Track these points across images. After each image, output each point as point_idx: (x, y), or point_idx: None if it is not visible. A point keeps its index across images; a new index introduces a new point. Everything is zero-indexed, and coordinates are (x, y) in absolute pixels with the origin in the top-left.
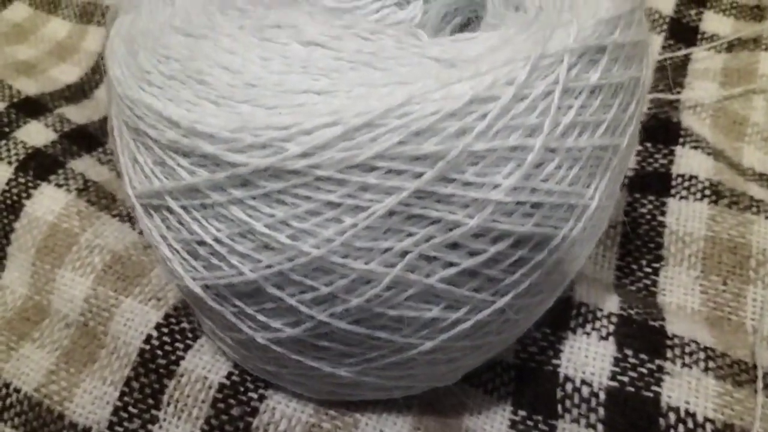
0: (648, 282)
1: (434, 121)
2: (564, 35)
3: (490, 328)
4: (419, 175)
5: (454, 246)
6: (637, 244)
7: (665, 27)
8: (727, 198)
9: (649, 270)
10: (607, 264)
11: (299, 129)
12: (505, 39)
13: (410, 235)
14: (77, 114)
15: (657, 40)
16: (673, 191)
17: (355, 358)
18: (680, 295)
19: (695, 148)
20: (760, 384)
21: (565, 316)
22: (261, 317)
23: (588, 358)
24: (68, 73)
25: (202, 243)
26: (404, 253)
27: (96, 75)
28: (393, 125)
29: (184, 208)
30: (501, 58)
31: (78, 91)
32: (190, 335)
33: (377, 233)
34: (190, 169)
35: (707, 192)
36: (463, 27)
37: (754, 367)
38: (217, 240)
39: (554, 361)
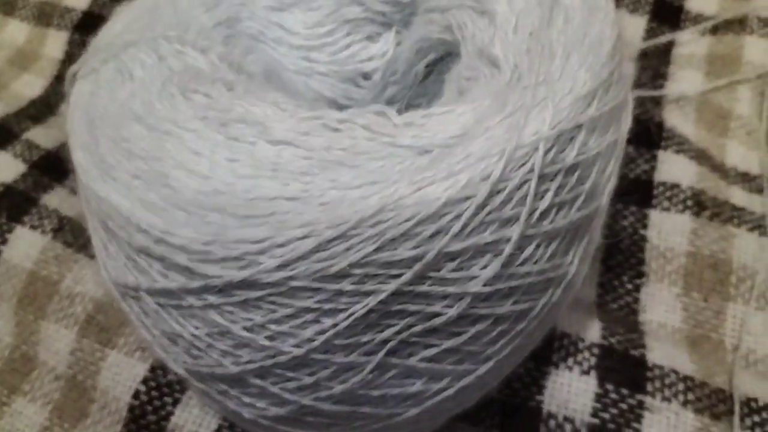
0: (630, 299)
1: (409, 227)
2: (539, 121)
3: (474, 388)
4: (397, 276)
5: (433, 331)
6: (618, 259)
7: (648, 9)
8: (709, 209)
9: (630, 287)
10: (588, 281)
11: (272, 242)
12: (480, 118)
13: (390, 326)
14: (45, 137)
15: (640, 24)
16: (654, 201)
17: (341, 427)
18: (661, 312)
19: (678, 152)
20: (736, 420)
21: (548, 349)
22: (246, 399)
23: (570, 394)
24: (32, 86)
25: (180, 336)
26: (385, 342)
27: (61, 85)
28: (367, 234)
29: (159, 305)
30: (475, 151)
31: (43, 108)
32: (177, 387)
33: (357, 330)
34: (163, 272)
35: (689, 203)
36: (438, 62)
37: (732, 396)
38: (195, 336)
39: (538, 397)
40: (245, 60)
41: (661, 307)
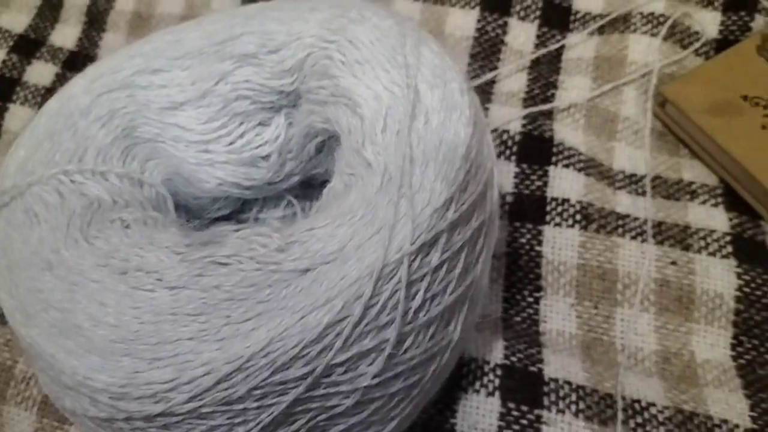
0: (531, 311)
1: (297, 352)
2: (402, 236)
3: None
4: (294, 388)
5: (337, 415)
6: (519, 275)
7: (538, 13)
8: (596, 222)
9: (531, 299)
10: (494, 297)
11: (179, 382)
12: (354, 232)
13: (297, 420)
14: None
15: (530, 31)
16: (548, 218)
17: None
18: (559, 321)
19: (567, 165)
20: (619, 426)
21: (458, 374)
22: None
23: (479, 416)
24: None
25: None
26: (296, 430)
27: None
28: (260, 364)
29: (95, 423)
30: (349, 273)
31: None
32: None
33: (268, 429)
34: (93, 404)
35: (578, 217)
36: (326, 141)
37: (622, 398)
38: None
39: (452, 420)
40: (145, 170)
41: (558, 316)
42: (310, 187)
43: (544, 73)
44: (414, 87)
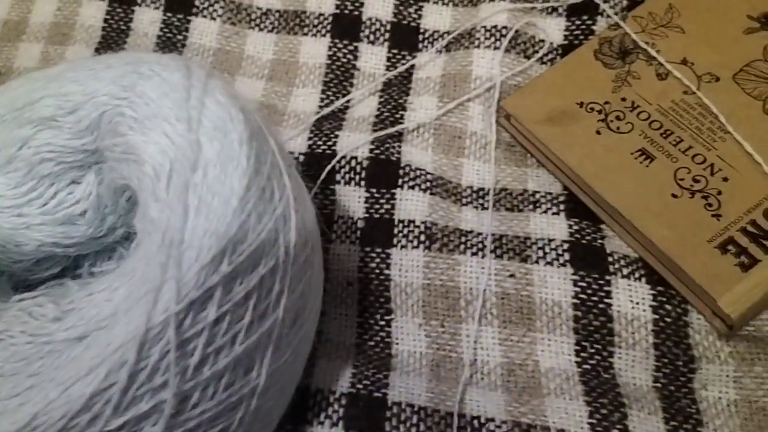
0: (383, 334)
1: (63, 425)
2: (168, 299)
3: None
4: None
5: None
6: (370, 299)
7: (387, 36)
8: (439, 240)
9: (383, 323)
10: (348, 323)
11: None
12: (128, 295)
13: None
14: None
15: (380, 54)
16: (395, 240)
17: None
18: (410, 342)
19: (413, 187)
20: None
21: (304, 406)
22: None
23: None
24: None
25: None
26: None
27: None
28: None
29: None
30: (113, 340)
31: None
32: None
33: None
34: None
35: (422, 237)
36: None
37: (461, 415)
38: None
39: None
40: None
41: (409, 337)
42: None
43: (395, 95)
44: (196, 140)
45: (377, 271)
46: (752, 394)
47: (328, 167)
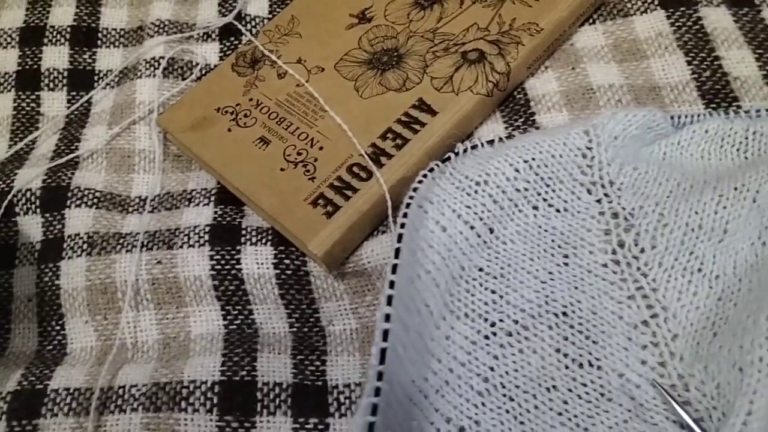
0: (60, 338)
1: None
2: None
3: None
4: None
5: None
6: (47, 309)
7: (65, 81)
8: (99, 246)
9: (58, 327)
10: (31, 335)
11: None
12: None
13: None
14: None
15: (60, 98)
16: (63, 254)
17: None
18: (83, 339)
19: (80, 205)
20: (92, 414)
21: None
22: None
23: None
24: None
25: None
26: None
27: None
28: None
29: None
30: None
31: None
32: None
33: None
34: None
35: (85, 246)
36: None
37: (110, 388)
38: None
39: None
40: None
41: (81, 335)
42: None
43: (72, 130)
44: None
45: (50, 284)
46: (369, 320)
47: (5, 202)
